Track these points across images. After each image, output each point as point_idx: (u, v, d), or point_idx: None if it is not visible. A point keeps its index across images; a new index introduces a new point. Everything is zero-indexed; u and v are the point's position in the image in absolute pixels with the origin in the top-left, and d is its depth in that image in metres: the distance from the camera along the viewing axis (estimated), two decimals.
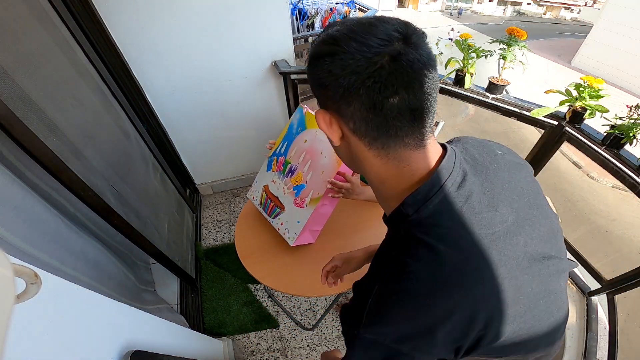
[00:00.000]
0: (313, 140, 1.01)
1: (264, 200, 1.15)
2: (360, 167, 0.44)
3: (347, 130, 0.40)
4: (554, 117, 1.38)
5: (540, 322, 0.45)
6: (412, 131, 0.38)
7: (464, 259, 0.38)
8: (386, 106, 0.36)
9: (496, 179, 0.44)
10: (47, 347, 0.49)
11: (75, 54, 1.11)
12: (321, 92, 0.39)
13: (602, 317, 1.39)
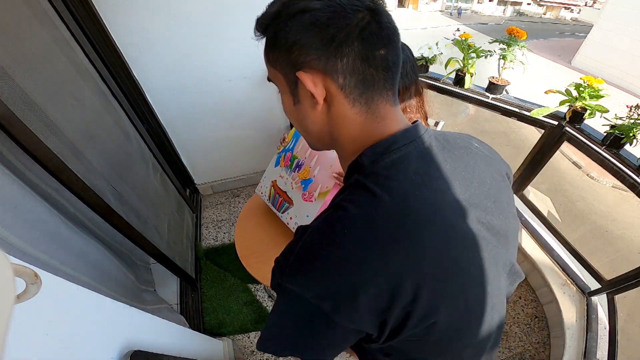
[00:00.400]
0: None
1: (272, 195, 1.17)
2: (334, 131, 0.42)
3: (335, 87, 0.37)
4: (554, 117, 1.38)
5: (475, 318, 0.42)
6: (391, 85, 0.40)
7: (405, 215, 0.36)
8: (378, 58, 0.36)
9: (460, 160, 0.44)
10: (47, 347, 0.49)
11: (75, 54, 1.11)
12: (299, 52, 0.36)
13: (602, 317, 1.39)
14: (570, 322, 1.41)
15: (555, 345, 1.48)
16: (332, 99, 0.38)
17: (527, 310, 1.66)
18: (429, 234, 0.36)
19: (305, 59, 0.36)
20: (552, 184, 3.68)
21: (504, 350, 1.52)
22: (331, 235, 0.36)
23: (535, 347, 1.54)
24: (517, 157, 1.77)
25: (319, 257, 0.36)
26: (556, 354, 1.44)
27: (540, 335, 1.58)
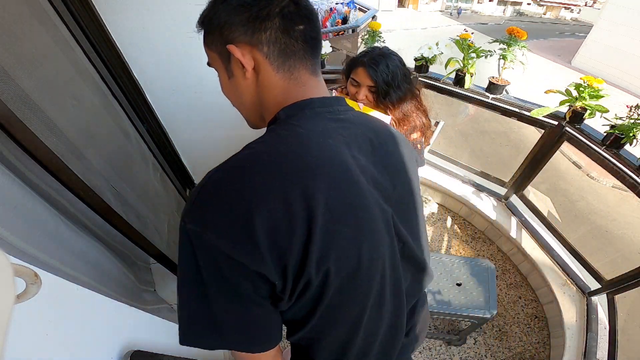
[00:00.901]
0: None
1: None
2: (263, 96, 0.47)
3: (261, 56, 0.43)
4: (554, 117, 1.38)
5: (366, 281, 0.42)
6: (312, 56, 0.46)
7: (307, 152, 0.39)
8: (297, 31, 0.42)
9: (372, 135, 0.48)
10: (47, 347, 0.49)
11: (75, 54, 1.11)
12: (229, 30, 0.43)
13: (602, 317, 1.39)
14: (570, 322, 1.41)
15: (555, 345, 1.48)
16: (259, 67, 0.44)
17: (527, 310, 1.66)
18: (327, 172, 0.38)
19: (234, 35, 0.42)
20: (552, 184, 3.69)
21: (504, 350, 1.52)
22: (235, 171, 0.38)
23: (535, 347, 1.54)
24: (517, 157, 1.77)
25: (220, 193, 0.36)
26: (556, 354, 1.44)
27: (540, 335, 1.58)
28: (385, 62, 1.01)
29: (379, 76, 1.00)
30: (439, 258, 1.34)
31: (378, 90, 1.02)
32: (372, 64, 1.00)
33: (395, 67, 1.02)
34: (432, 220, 2.13)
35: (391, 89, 1.02)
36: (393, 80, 1.01)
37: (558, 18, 25.76)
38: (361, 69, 1.02)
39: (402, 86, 1.04)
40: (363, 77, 1.03)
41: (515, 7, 27.46)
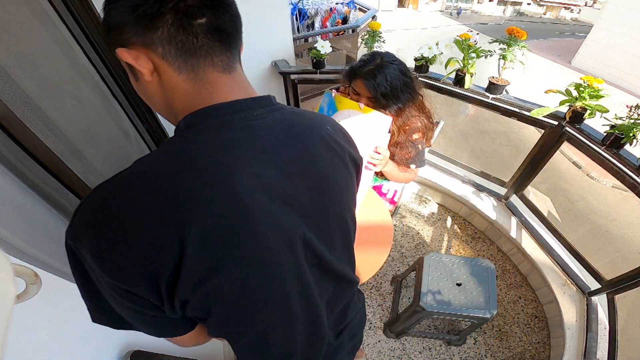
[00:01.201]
0: (346, 121, 1.05)
1: None
2: (170, 100, 0.43)
3: (156, 57, 0.39)
4: (554, 117, 1.38)
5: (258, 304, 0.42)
6: (222, 51, 0.41)
7: (185, 176, 0.36)
8: (196, 26, 0.38)
9: (293, 141, 0.45)
10: (47, 347, 0.49)
11: (75, 54, 1.11)
12: (121, 31, 0.39)
13: (602, 317, 1.39)
14: (570, 322, 1.41)
15: (555, 345, 1.48)
16: (158, 69, 0.40)
17: (527, 310, 1.66)
18: (206, 201, 0.36)
19: (126, 37, 0.38)
20: (552, 184, 3.69)
21: (504, 350, 1.52)
22: (109, 197, 0.36)
23: (535, 347, 1.54)
24: (517, 157, 1.77)
25: (93, 217, 0.36)
26: (556, 354, 1.44)
27: (540, 335, 1.58)
28: (384, 74, 1.00)
29: (377, 90, 1.00)
30: (439, 258, 1.34)
31: (378, 99, 1.03)
32: (369, 77, 1.00)
33: (394, 78, 1.01)
34: (432, 220, 2.13)
35: (390, 101, 1.03)
36: (392, 92, 1.01)
37: (558, 18, 25.77)
38: (360, 81, 1.03)
39: (402, 96, 1.04)
40: (362, 89, 1.03)
41: (515, 7, 27.46)
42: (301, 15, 3.43)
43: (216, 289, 0.39)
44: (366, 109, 1.02)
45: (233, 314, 0.43)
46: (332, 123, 0.53)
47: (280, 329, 0.47)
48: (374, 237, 1.13)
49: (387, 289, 1.76)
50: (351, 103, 1.05)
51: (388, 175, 1.18)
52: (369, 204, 1.24)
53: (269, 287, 0.42)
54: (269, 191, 0.40)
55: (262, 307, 0.43)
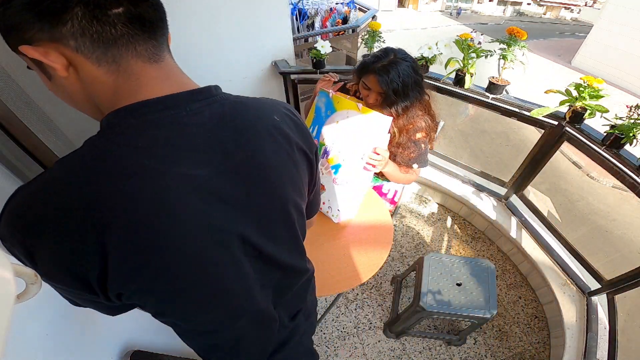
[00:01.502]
0: (345, 122, 1.06)
1: None
2: (92, 96, 0.40)
3: (69, 51, 0.36)
4: (554, 117, 1.38)
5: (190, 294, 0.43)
6: (144, 40, 0.39)
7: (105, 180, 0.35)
8: (112, 15, 0.35)
9: (235, 135, 0.43)
10: (47, 347, 0.49)
11: None
12: (23, 30, 0.36)
13: (602, 317, 1.39)
14: (570, 322, 1.41)
15: (555, 345, 1.49)
16: (73, 62, 0.37)
17: (527, 310, 1.66)
18: (128, 207, 0.36)
19: (30, 34, 0.35)
20: (552, 184, 3.69)
21: (504, 350, 1.52)
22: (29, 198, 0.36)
23: (535, 347, 1.54)
24: (517, 157, 1.77)
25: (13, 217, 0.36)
26: (556, 354, 1.44)
27: (540, 335, 1.58)
28: (397, 70, 1.00)
29: (388, 85, 1.00)
30: (439, 258, 1.34)
31: (388, 96, 1.03)
32: (383, 72, 1.00)
33: (406, 75, 1.01)
34: (432, 220, 2.13)
35: (399, 98, 1.03)
36: (403, 89, 1.01)
37: (558, 18, 25.77)
38: (372, 76, 1.02)
39: (411, 94, 1.04)
40: (374, 83, 1.03)
41: (515, 7, 27.46)
42: (301, 15, 3.43)
43: (145, 288, 0.39)
44: (365, 109, 1.02)
45: (169, 309, 0.44)
46: (280, 111, 0.52)
47: (225, 321, 0.48)
48: (374, 237, 1.13)
49: (387, 289, 1.76)
50: (350, 103, 1.05)
51: (389, 176, 1.17)
52: (369, 204, 1.24)
53: (205, 287, 0.43)
54: (200, 191, 0.39)
55: (200, 304, 0.44)
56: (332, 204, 1.14)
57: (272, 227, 0.49)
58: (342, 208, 1.12)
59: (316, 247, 1.09)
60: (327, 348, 1.52)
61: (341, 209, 1.12)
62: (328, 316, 1.64)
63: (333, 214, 1.14)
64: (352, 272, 1.02)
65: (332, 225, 1.16)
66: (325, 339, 1.56)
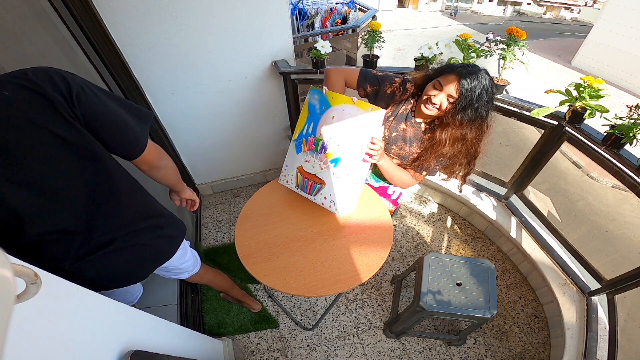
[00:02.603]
0: (341, 116, 1.07)
1: (300, 181, 1.21)
2: None
3: None
4: (554, 117, 1.38)
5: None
6: None
7: None
8: None
9: None
10: (47, 347, 0.49)
11: (75, 54, 1.11)
12: None
13: (602, 317, 1.39)
14: (570, 322, 1.41)
15: (555, 345, 1.48)
16: None
17: (527, 310, 1.66)
18: None
19: None
20: (552, 184, 3.68)
21: (504, 350, 1.52)
22: None
23: (535, 347, 1.54)
24: (517, 157, 1.77)
25: None
26: (556, 354, 1.44)
27: (540, 335, 1.58)
28: (480, 81, 0.95)
29: (467, 91, 0.95)
30: (439, 258, 1.34)
31: (457, 105, 0.97)
32: (467, 76, 0.95)
33: (484, 90, 0.96)
34: (432, 220, 2.13)
35: (469, 109, 0.97)
36: (476, 101, 0.96)
37: (558, 18, 25.76)
38: (454, 77, 0.97)
39: (480, 110, 0.98)
40: (450, 84, 0.97)
41: (515, 7, 27.44)
42: (301, 15, 3.43)
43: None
44: (360, 102, 1.02)
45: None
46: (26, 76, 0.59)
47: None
48: (374, 237, 1.13)
49: (387, 289, 1.76)
50: (345, 98, 1.06)
51: (383, 171, 1.14)
52: (369, 204, 1.24)
53: None
54: None
55: None
56: (334, 198, 1.15)
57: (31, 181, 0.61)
58: (341, 202, 1.13)
59: (316, 247, 1.09)
60: (327, 348, 1.53)
61: (340, 203, 1.13)
62: (328, 316, 1.64)
63: (336, 208, 1.16)
64: (352, 272, 1.02)
65: (332, 225, 1.16)
66: (325, 339, 1.56)
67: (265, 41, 1.62)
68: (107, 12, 1.29)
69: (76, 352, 0.55)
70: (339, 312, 1.65)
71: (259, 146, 2.17)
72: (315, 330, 1.59)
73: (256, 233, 1.15)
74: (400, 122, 1.16)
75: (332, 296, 1.71)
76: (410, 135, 1.15)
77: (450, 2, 26.13)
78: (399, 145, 1.17)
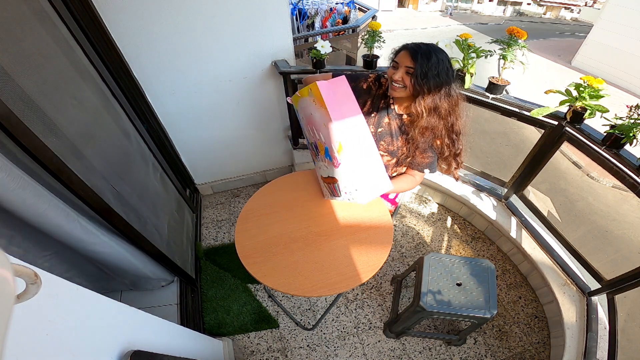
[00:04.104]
0: (304, 112, 1.07)
1: (329, 189, 1.20)
2: None
3: None
4: (554, 117, 1.38)
5: None
6: None
7: None
8: None
9: None
10: (47, 347, 0.49)
11: (75, 54, 1.11)
12: None
13: (602, 317, 1.39)
14: (570, 322, 1.41)
15: (555, 345, 1.48)
16: None
17: (527, 310, 1.66)
18: None
19: None
20: (552, 184, 3.68)
21: (504, 350, 1.52)
22: None
23: (535, 347, 1.54)
24: (517, 157, 1.77)
25: None
26: (556, 354, 1.44)
27: (540, 335, 1.58)
28: (429, 49, 1.00)
29: (419, 58, 0.98)
30: (439, 258, 1.34)
31: (416, 71, 0.99)
32: (415, 47, 1.01)
33: (434, 52, 1.00)
34: (432, 220, 2.13)
35: (429, 74, 0.99)
36: (433, 65, 0.99)
37: (558, 18, 25.74)
38: (404, 52, 1.02)
39: (441, 76, 1.01)
40: (404, 58, 1.02)
41: (515, 7, 27.42)
42: (301, 15, 3.43)
43: None
44: (301, 91, 1.01)
45: None
46: None
47: None
48: (374, 237, 1.13)
49: (387, 289, 1.76)
50: (295, 97, 1.06)
51: (399, 191, 1.19)
52: (369, 204, 1.24)
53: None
54: None
55: None
56: (351, 189, 1.07)
57: None
58: (356, 188, 1.06)
59: (316, 247, 1.09)
60: (327, 348, 1.53)
61: (359, 189, 1.07)
62: (328, 316, 1.64)
63: (355, 197, 1.09)
64: (352, 272, 1.02)
65: (332, 225, 1.16)
66: (325, 339, 1.56)
67: (265, 41, 1.62)
68: (107, 12, 1.29)
69: (76, 352, 0.55)
70: (339, 312, 1.65)
71: (259, 146, 2.17)
72: (315, 330, 1.59)
73: (256, 233, 1.15)
74: (383, 116, 1.17)
75: (332, 296, 1.71)
76: (394, 128, 1.17)
77: (451, 2, 26.11)
78: (387, 140, 1.17)
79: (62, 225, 0.89)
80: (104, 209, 1.00)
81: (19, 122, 0.69)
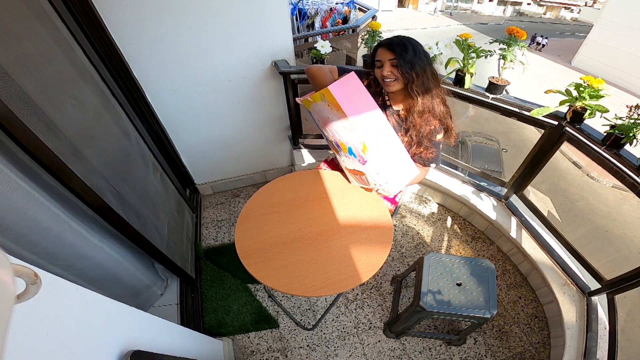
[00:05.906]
0: (319, 114, 1.09)
1: (356, 179, 1.25)
2: None
3: None
4: (554, 117, 1.38)
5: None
6: None
7: None
8: None
9: None
10: (47, 347, 0.49)
11: (75, 54, 1.11)
12: None
13: (602, 317, 1.39)
14: (570, 322, 1.41)
15: (555, 345, 1.48)
16: None
17: (527, 310, 1.66)
18: None
19: None
20: (552, 184, 3.68)
21: (504, 350, 1.52)
22: None
23: (535, 347, 1.54)
24: (517, 157, 1.77)
25: None
26: (556, 354, 1.44)
27: (540, 335, 1.58)
28: (400, 39, 1.04)
29: (396, 48, 1.02)
30: (439, 258, 1.34)
31: (400, 61, 1.02)
32: (388, 40, 1.05)
33: (413, 44, 1.04)
34: (432, 220, 2.13)
35: (412, 59, 1.02)
36: (414, 52, 1.03)
37: (558, 18, 25.75)
38: (381, 49, 1.06)
39: (422, 58, 1.04)
40: (383, 54, 1.05)
41: (515, 7, 27.43)
42: (301, 15, 3.43)
43: None
44: (314, 96, 1.03)
45: None
46: None
47: None
48: (374, 237, 1.13)
49: (387, 289, 1.76)
50: (307, 101, 1.07)
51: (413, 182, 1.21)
52: (369, 204, 1.24)
53: None
54: None
55: None
56: (378, 181, 1.10)
57: None
58: (388, 179, 1.08)
59: (316, 247, 1.09)
60: (327, 348, 1.53)
61: (389, 181, 1.08)
62: (328, 316, 1.64)
63: (385, 189, 1.12)
64: (352, 272, 1.02)
65: (332, 225, 1.16)
66: (325, 339, 1.56)
67: (265, 41, 1.62)
68: (107, 12, 1.29)
69: (76, 352, 0.55)
70: (339, 312, 1.65)
71: (259, 146, 2.17)
72: (315, 330, 1.59)
73: (256, 233, 1.15)
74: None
75: (332, 296, 1.71)
76: (393, 124, 1.19)
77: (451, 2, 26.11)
78: None
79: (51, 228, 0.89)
80: (104, 209, 1.00)
81: (19, 122, 0.69)
